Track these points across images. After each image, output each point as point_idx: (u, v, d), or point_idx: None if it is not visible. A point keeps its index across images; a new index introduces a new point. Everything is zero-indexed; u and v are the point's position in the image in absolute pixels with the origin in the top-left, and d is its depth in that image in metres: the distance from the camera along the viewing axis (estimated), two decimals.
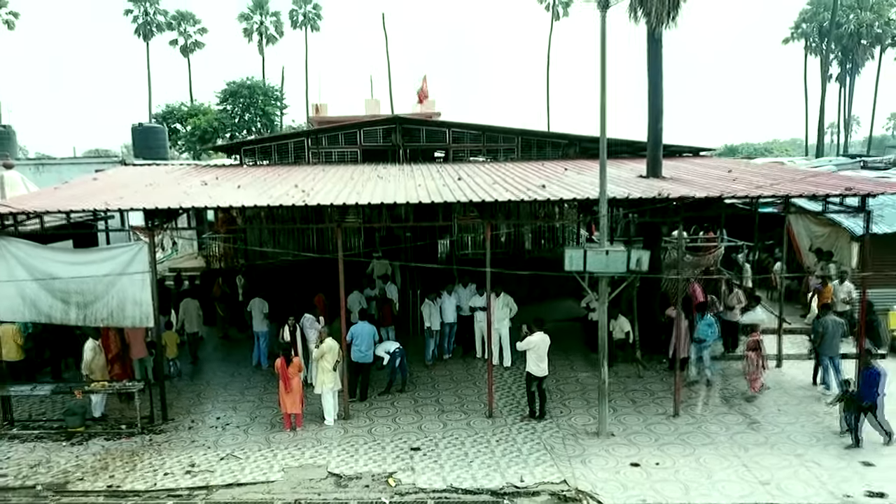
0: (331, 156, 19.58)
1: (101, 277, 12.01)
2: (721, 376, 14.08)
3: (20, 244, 12.25)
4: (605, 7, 10.56)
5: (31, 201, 12.99)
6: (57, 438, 11.90)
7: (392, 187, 13.39)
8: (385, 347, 13.58)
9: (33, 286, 12.14)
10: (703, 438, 11.25)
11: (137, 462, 10.92)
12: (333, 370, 12.11)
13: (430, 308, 15.11)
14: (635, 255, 10.75)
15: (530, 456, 10.79)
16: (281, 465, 10.65)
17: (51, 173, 21.38)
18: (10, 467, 10.85)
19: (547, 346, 11.80)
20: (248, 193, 12.88)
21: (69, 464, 10.94)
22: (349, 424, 12.17)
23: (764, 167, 16.19)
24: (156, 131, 23.59)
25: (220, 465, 10.74)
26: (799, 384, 13.77)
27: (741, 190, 11.86)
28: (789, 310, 18.30)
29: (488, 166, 17.53)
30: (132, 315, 12.12)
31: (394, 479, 10.12)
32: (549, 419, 12.09)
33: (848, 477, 9.87)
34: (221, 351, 17.03)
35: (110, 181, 15.71)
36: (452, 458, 10.79)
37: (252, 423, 12.39)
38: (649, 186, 12.90)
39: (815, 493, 9.48)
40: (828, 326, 12.94)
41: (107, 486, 10.13)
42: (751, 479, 9.89)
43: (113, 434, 11.97)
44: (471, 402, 13.14)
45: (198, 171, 17.54)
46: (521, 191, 12.54)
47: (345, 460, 10.81)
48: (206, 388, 14.32)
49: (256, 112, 63.47)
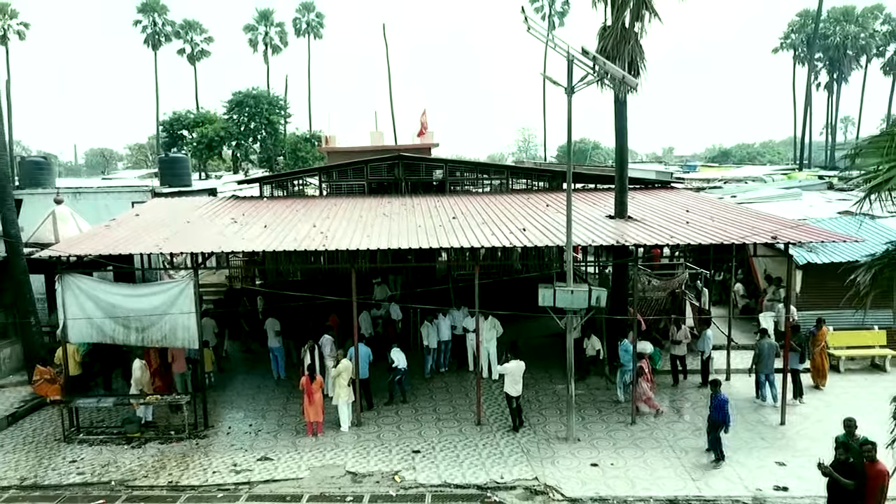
0: (341, 188, 21.99)
1: (157, 306, 14.44)
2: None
3: (85, 280, 14.66)
4: (571, 92, 12.94)
5: (90, 243, 15.30)
6: (118, 442, 14.33)
7: (396, 228, 15.77)
8: (397, 359, 15.81)
9: (99, 314, 14.55)
10: (652, 443, 13.68)
11: (189, 462, 13.35)
12: (348, 385, 14.54)
13: (428, 329, 17.54)
14: (595, 293, 13.15)
15: (510, 457, 13.21)
16: (307, 465, 13.07)
17: (87, 200, 23.83)
18: (85, 467, 13.28)
19: (521, 371, 14.21)
20: (275, 236, 15.26)
21: (133, 464, 13.37)
22: (361, 431, 14.61)
23: (716, 206, 18.47)
24: (181, 161, 25.97)
25: (257, 464, 13.16)
26: (743, 396, 16.16)
27: (683, 238, 14.22)
28: (746, 327, 20.80)
29: (480, 200, 19.93)
30: (182, 337, 14.54)
31: (399, 477, 12.54)
32: (527, 426, 14.51)
33: (763, 475, 12.28)
34: (246, 364, 19.43)
35: (150, 218, 18.04)
36: (447, 459, 13.21)
37: (280, 429, 14.82)
38: (614, 230, 15.30)
39: (734, 487, 11.90)
40: (763, 348, 15.37)
41: (167, 483, 12.56)
42: (685, 476, 12.31)
43: (165, 439, 14.40)
44: (462, 412, 15.57)
45: (224, 206, 19.90)
46: (505, 234, 14.96)
47: (359, 461, 13.23)
48: (237, 398, 16.75)
49: (261, 121, 65.67)
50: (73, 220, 19.65)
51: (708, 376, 16.74)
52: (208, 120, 72.13)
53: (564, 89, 12.86)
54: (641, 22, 15.60)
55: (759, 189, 30.94)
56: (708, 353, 16.78)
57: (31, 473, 13.05)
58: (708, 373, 16.78)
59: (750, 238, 14.15)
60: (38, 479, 12.79)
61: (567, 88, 12.88)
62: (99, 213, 23.44)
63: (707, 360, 16.82)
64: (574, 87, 12.90)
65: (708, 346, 16.78)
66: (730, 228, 15.00)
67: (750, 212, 17.40)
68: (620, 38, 15.58)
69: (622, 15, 15.51)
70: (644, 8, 15.48)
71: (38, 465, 13.41)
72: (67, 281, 14.44)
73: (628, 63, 15.62)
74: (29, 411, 16.16)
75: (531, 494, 11.88)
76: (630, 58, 15.63)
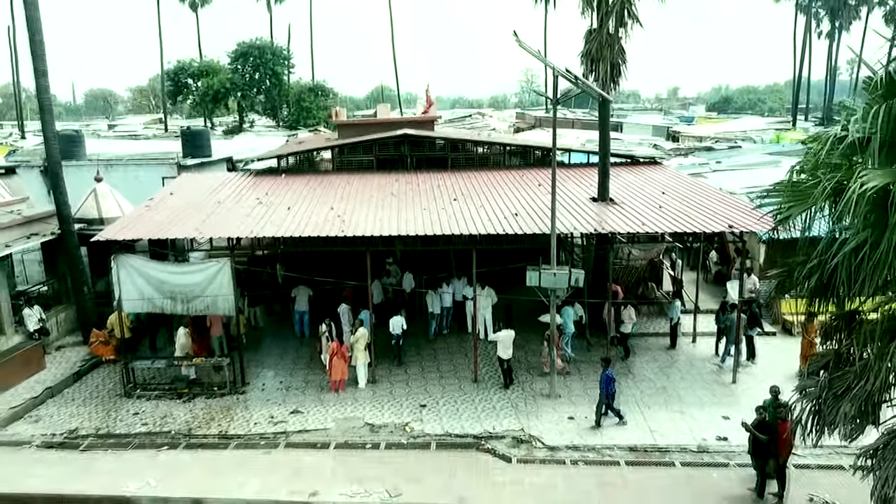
0: (352, 163, 24.03)
1: (199, 282, 16.81)
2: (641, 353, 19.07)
3: (135, 258, 17.00)
4: (557, 102, 14.93)
5: (139, 227, 17.47)
6: (171, 397, 16.95)
7: (405, 213, 17.89)
8: (396, 324, 18.29)
9: (148, 287, 16.93)
10: (623, 399, 16.25)
11: (233, 415, 15.99)
12: (365, 349, 17.06)
13: (433, 297, 19.99)
14: (574, 275, 15.49)
15: (501, 411, 15.82)
16: (332, 417, 15.70)
17: (118, 172, 25.95)
18: (147, 418, 15.93)
19: (511, 338, 16.70)
20: (298, 220, 17.44)
21: (186, 416, 16.02)
22: (376, 388, 17.21)
23: (691, 188, 20.46)
24: (202, 133, 27.89)
25: (290, 417, 15.79)
26: (705, 357, 18.73)
27: (654, 227, 16.42)
28: (717, 291, 23.20)
29: (478, 177, 22.02)
30: (222, 307, 16.94)
31: (409, 427, 15.17)
32: (516, 384, 17.09)
33: (710, 427, 14.88)
34: (272, 327, 21.91)
35: (183, 197, 20.16)
36: (448, 413, 15.82)
37: (307, 386, 17.42)
38: (596, 216, 17.47)
39: (684, 437, 14.52)
40: (730, 322, 17.73)
41: (218, 432, 15.21)
42: (645, 427, 14.93)
43: (210, 394, 17.01)
44: (462, 370, 18.14)
45: (247, 183, 22.00)
46: (500, 218, 17.18)
47: (375, 414, 15.85)
48: (266, 357, 19.30)
49: (266, 72, 66.59)
50: (112, 196, 21.81)
51: (675, 340, 19.33)
52: (213, 69, 72.96)
53: (550, 100, 14.86)
54: (625, 28, 17.34)
55: (744, 155, 32.91)
56: (676, 320, 19.23)
57: (103, 424, 15.71)
58: (676, 337, 19.31)
59: (710, 227, 16.36)
60: (110, 429, 15.47)
61: (553, 99, 14.88)
62: (129, 183, 25.59)
63: (675, 325, 19.28)
64: (559, 98, 14.91)
65: (676, 313, 19.21)
66: (695, 215, 17.17)
67: (718, 195, 19.48)
68: (605, 42, 17.36)
69: (607, 22, 17.24)
70: (628, 16, 17.21)
71: (107, 417, 16.06)
72: (122, 260, 16.75)
73: (611, 65, 17.46)
74: (89, 369, 18.76)
75: (517, 443, 14.51)
76: (613, 60, 17.45)
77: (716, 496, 12.53)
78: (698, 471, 13.40)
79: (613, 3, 17.13)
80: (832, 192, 8.20)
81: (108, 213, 21.28)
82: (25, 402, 16.52)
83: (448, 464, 13.76)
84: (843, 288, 8.79)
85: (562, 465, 13.66)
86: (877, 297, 8.88)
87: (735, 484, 12.90)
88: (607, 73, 17.49)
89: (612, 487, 12.86)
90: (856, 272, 8.29)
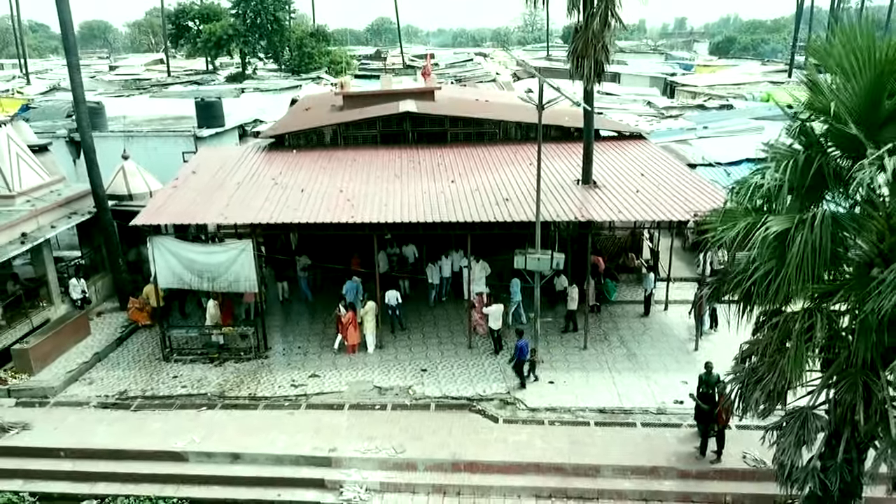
0: (357, 138, 25.77)
1: (223, 261, 19.02)
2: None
3: (167, 240, 19.15)
4: (541, 108, 16.69)
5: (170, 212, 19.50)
6: (203, 362, 19.41)
7: (408, 198, 19.84)
8: (391, 297, 20.57)
9: (179, 266, 19.14)
10: (596, 365, 18.67)
11: (259, 378, 18.48)
12: (373, 320, 19.42)
13: (432, 269, 22.23)
14: (556, 259, 17.60)
15: (491, 376, 18.28)
16: (346, 381, 18.18)
17: (139, 143, 27.78)
18: (185, 381, 18.44)
19: (501, 311, 19.03)
20: (312, 204, 19.43)
21: (219, 379, 18.52)
22: (383, 353, 19.64)
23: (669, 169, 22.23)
24: (215, 105, 29.41)
25: (309, 380, 18.27)
26: (675, 324, 21.05)
27: (630, 215, 18.42)
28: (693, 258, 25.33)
29: (476, 153, 23.87)
30: (245, 285, 19.23)
31: (412, 390, 17.66)
32: (504, 350, 19.47)
33: (669, 391, 17.32)
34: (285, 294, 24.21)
35: (204, 176, 22.08)
36: (445, 377, 18.28)
37: (322, 351, 19.86)
38: (579, 202, 19.43)
39: (646, 400, 16.99)
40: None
41: (248, 395, 17.72)
42: (614, 392, 17.39)
43: (237, 359, 19.46)
44: (458, 336, 20.53)
45: (261, 160, 23.86)
46: (491, 204, 19.18)
47: (382, 377, 18.31)
48: (284, 325, 21.66)
49: (267, 17, 66.75)
50: (139, 173, 23.78)
51: (649, 308, 21.63)
52: (213, 13, 73.02)
53: (536, 105, 16.63)
54: (609, 28, 18.81)
55: (730, 120, 34.46)
56: (650, 291, 21.48)
57: (148, 386, 18.24)
58: (649, 306, 21.61)
59: (677, 215, 18.36)
60: (155, 391, 17.99)
61: (538, 105, 16.65)
62: (148, 154, 27.51)
63: (649, 295, 21.54)
64: (544, 105, 16.68)
65: (650, 284, 21.44)
66: (666, 200, 19.11)
67: (691, 178, 21.32)
68: (591, 40, 18.87)
69: (592, 22, 18.70)
70: (611, 17, 18.66)
71: (151, 380, 18.58)
72: (156, 241, 18.90)
73: (595, 62, 19.03)
74: (129, 334, 21.22)
75: (503, 405, 17.01)
76: (597, 57, 19.00)
77: (666, 453, 15.06)
78: (655, 430, 15.92)
79: (598, 4, 18.54)
80: (745, 232, 10.27)
81: (135, 190, 23.32)
82: (79, 367, 19.02)
83: (445, 423, 16.28)
84: (759, 299, 11.04)
85: (541, 425, 16.18)
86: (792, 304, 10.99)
87: (685, 442, 15.44)
88: (591, 69, 19.08)
89: (581, 445, 15.39)
90: (766, 289, 10.50)
